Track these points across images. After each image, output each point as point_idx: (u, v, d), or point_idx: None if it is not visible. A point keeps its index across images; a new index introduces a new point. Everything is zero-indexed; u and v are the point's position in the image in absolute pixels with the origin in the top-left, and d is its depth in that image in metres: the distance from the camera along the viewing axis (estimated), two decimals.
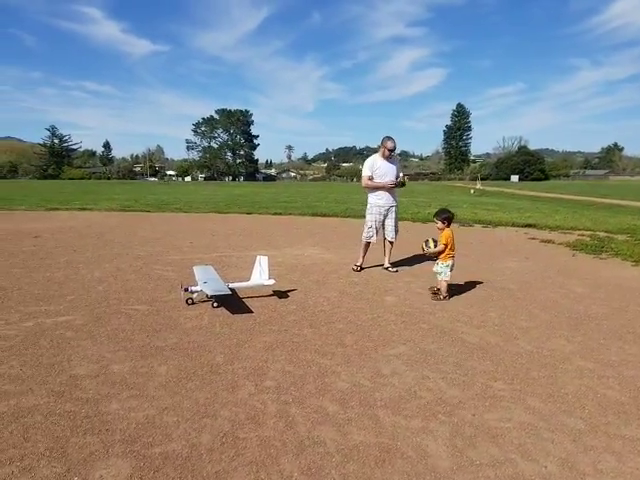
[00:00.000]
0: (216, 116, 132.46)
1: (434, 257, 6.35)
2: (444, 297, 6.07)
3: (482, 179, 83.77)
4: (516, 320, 5.29)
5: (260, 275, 5.87)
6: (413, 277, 7.34)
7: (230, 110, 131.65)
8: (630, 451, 2.83)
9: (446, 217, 6.22)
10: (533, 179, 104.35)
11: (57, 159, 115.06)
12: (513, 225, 14.50)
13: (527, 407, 3.33)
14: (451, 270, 6.11)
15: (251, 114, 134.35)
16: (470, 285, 6.85)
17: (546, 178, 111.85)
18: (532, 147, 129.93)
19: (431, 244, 6.20)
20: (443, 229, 6.19)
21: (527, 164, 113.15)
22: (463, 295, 6.32)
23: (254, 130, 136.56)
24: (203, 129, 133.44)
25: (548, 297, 6.31)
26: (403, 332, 4.82)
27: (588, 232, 12.80)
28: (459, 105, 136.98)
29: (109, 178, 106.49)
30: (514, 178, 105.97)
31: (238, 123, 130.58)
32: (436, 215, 6.35)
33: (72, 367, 3.83)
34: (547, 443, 2.89)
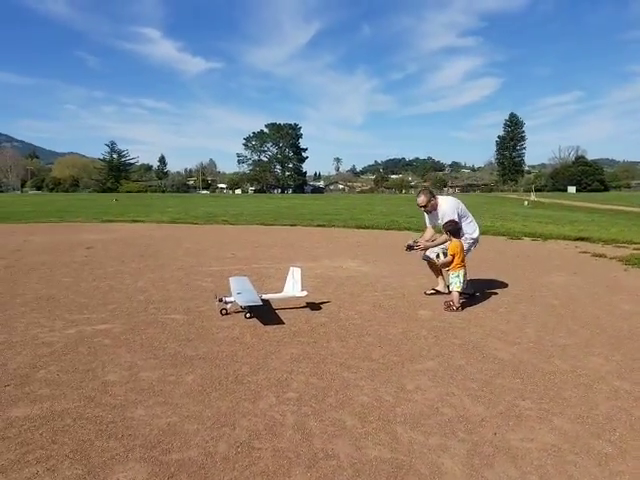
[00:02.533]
0: (266, 130, 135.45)
1: (446, 268, 6.38)
2: (457, 308, 6.06)
3: (537, 190, 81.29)
4: (554, 337, 5.11)
5: (293, 287, 5.93)
6: None
7: (279, 124, 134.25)
8: None
9: (450, 229, 6.32)
10: (591, 190, 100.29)
11: (115, 173, 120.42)
12: (564, 238, 14.00)
13: (553, 427, 3.21)
14: (462, 280, 6.14)
15: (300, 127, 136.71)
16: (510, 300, 6.67)
17: (605, 189, 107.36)
18: (591, 157, 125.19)
19: (441, 256, 6.36)
20: (450, 239, 6.30)
21: (585, 175, 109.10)
22: (501, 310, 6.16)
23: (303, 143, 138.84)
24: (253, 143, 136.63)
25: (591, 313, 6.05)
26: (433, 347, 4.75)
27: None
28: (512, 115, 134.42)
29: (164, 191, 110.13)
30: (571, 189, 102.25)
31: (287, 137, 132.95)
32: (443, 227, 6.51)
33: (105, 373, 4.00)
34: (570, 466, 2.78)
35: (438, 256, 6.41)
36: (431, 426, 3.21)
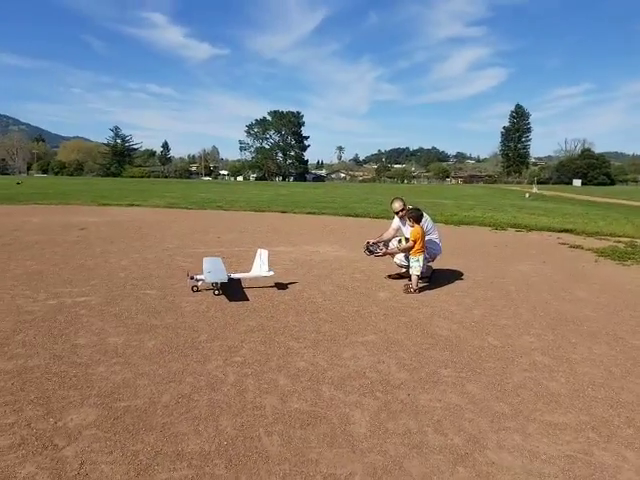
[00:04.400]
0: (268, 117, 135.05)
1: (407, 252, 6.73)
2: (414, 290, 6.41)
3: (541, 183, 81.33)
4: (497, 318, 5.52)
5: (260, 267, 6.35)
6: None
7: (282, 112, 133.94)
8: (540, 433, 3.09)
9: (413, 216, 6.67)
10: (598, 184, 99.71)
11: (119, 158, 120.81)
12: (549, 230, 14.33)
13: (463, 392, 3.63)
14: (422, 264, 6.53)
15: (302, 115, 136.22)
16: (469, 285, 7.07)
17: (612, 183, 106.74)
18: (599, 150, 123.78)
19: (403, 241, 6.74)
20: (413, 226, 6.60)
21: (591, 168, 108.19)
22: (457, 294, 6.56)
23: (306, 131, 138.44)
24: (256, 130, 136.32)
25: (542, 299, 6.45)
26: (380, 324, 5.17)
27: (626, 239, 12.55)
28: (518, 106, 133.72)
29: (166, 177, 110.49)
30: (576, 182, 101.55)
31: (289, 124, 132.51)
32: (405, 212, 6.85)
33: (76, 338, 4.44)
34: (464, 422, 3.20)
35: (400, 241, 6.80)
36: (353, 387, 3.64)
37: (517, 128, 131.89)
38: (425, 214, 7.04)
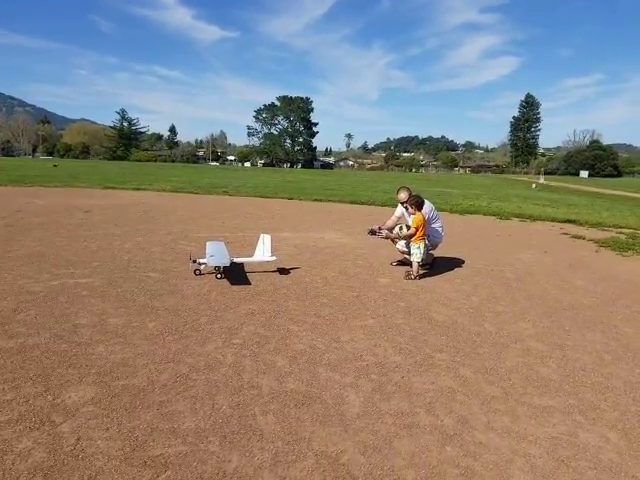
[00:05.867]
0: (277, 103, 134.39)
1: (409, 240, 6.76)
2: (415, 277, 6.45)
3: (548, 174, 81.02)
4: (494, 305, 5.56)
5: (263, 252, 6.40)
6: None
7: (291, 97, 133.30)
8: (529, 415, 3.16)
9: (414, 202, 6.68)
10: (605, 175, 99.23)
11: (126, 141, 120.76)
12: (552, 220, 14.33)
13: (456, 375, 3.69)
14: (422, 251, 6.55)
15: (311, 101, 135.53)
16: (469, 273, 7.11)
17: (619, 175, 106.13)
18: (608, 142, 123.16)
19: (404, 228, 6.71)
20: (414, 213, 6.56)
21: (598, 159, 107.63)
22: (457, 281, 6.61)
23: (315, 118, 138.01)
24: (264, 116, 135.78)
25: (541, 287, 6.49)
26: (379, 309, 5.22)
27: (629, 230, 12.57)
28: (528, 95, 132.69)
29: (173, 161, 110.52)
30: (583, 174, 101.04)
31: (298, 110, 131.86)
32: (407, 200, 6.82)
33: (77, 318, 4.51)
34: (455, 404, 3.26)
35: (401, 228, 6.84)
36: (349, 369, 3.70)
37: (527, 118, 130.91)
38: (429, 202, 7.05)
